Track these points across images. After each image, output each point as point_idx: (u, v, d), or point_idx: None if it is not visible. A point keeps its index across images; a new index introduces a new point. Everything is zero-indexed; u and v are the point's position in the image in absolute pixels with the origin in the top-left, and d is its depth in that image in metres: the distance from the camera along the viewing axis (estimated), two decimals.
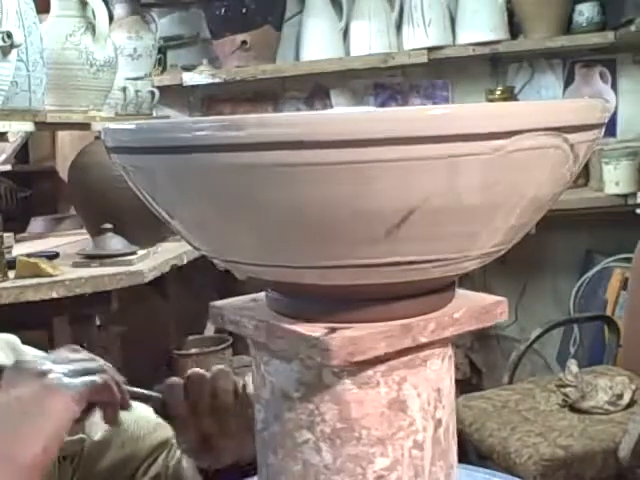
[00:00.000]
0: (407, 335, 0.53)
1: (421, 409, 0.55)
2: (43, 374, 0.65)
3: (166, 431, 0.91)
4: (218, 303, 0.62)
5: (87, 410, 0.69)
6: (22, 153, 3.06)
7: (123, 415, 0.90)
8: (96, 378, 0.68)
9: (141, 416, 0.92)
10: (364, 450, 0.55)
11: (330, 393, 0.54)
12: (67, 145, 2.82)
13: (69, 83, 2.00)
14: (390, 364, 0.54)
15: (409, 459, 0.55)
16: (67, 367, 0.67)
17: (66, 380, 0.65)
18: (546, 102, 0.51)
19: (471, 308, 0.56)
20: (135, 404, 0.94)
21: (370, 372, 0.54)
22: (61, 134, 2.89)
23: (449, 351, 0.58)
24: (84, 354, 0.72)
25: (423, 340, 0.53)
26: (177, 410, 0.77)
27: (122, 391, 0.72)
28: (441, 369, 0.57)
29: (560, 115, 0.47)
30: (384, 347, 0.52)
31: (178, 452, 0.90)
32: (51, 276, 1.63)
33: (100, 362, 0.72)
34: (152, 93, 2.70)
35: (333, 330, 0.52)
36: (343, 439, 0.55)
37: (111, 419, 0.71)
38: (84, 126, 2.13)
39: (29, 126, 1.80)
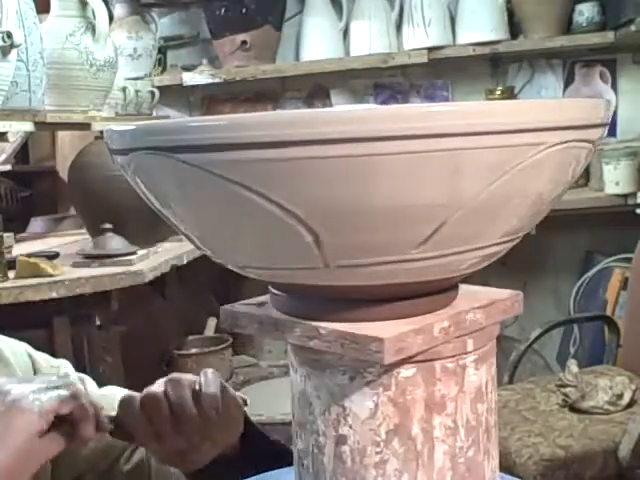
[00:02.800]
0: (274, 330, 0.56)
1: (321, 414, 0.56)
2: (6, 393, 0.65)
3: None
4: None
5: (59, 425, 0.67)
6: (22, 153, 3.06)
7: (104, 403, 0.90)
8: (61, 391, 0.67)
9: None
10: (295, 425, 0.60)
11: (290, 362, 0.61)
12: (67, 145, 2.82)
13: (69, 83, 2.00)
14: (301, 358, 0.58)
15: (312, 455, 0.57)
16: (32, 385, 0.66)
17: (30, 396, 0.65)
18: (549, 101, 0.51)
19: (342, 331, 0.53)
20: (116, 390, 0.94)
21: (293, 357, 0.59)
22: (61, 134, 2.89)
23: (367, 375, 0.54)
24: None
25: (290, 340, 0.56)
26: (133, 427, 0.76)
27: (97, 410, 0.70)
28: (348, 387, 0.55)
29: (564, 114, 0.47)
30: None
31: None
32: (51, 276, 1.63)
33: (72, 379, 0.71)
34: (152, 93, 2.70)
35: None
36: (292, 408, 0.60)
37: (86, 433, 0.69)
38: (84, 126, 2.13)
39: (29, 126, 1.80)
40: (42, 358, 0.91)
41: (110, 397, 0.91)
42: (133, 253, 1.81)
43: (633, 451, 1.63)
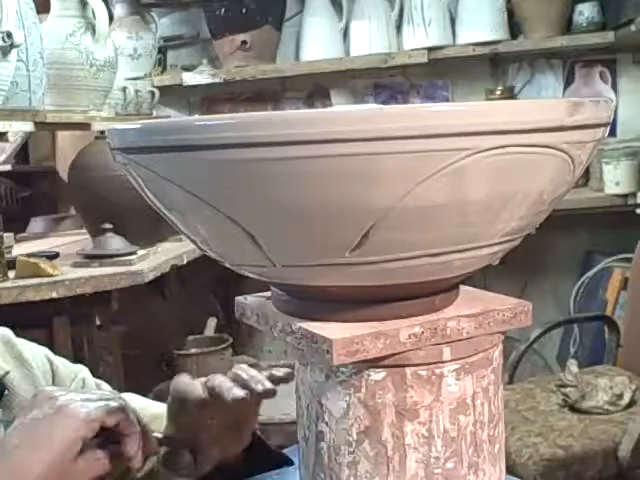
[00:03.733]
0: (265, 324, 0.59)
1: (304, 407, 0.58)
2: (55, 399, 0.66)
3: (163, 423, 0.92)
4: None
5: (105, 445, 0.67)
6: (22, 153, 3.06)
7: None
8: (110, 402, 0.67)
9: (139, 408, 0.92)
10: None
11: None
12: (67, 145, 2.82)
13: (69, 83, 2.00)
14: (294, 352, 0.58)
15: (299, 446, 0.61)
16: (81, 395, 0.67)
17: (79, 403, 0.66)
18: (548, 101, 0.51)
19: (307, 330, 0.54)
20: (131, 396, 0.94)
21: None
22: (61, 134, 2.89)
23: (340, 375, 0.55)
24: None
25: (274, 333, 0.58)
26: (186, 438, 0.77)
27: (146, 429, 0.71)
28: (324, 384, 0.55)
29: (562, 114, 0.47)
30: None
31: None
32: (51, 276, 1.63)
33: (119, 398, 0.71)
34: (152, 93, 2.70)
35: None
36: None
37: (131, 453, 0.69)
38: (84, 126, 2.13)
39: (29, 126, 1.80)
40: (60, 362, 0.91)
41: (126, 401, 0.92)
42: (133, 253, 1.81)
43: (633, 451, 1.63)
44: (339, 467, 0.55)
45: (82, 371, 0.94)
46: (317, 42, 2.79)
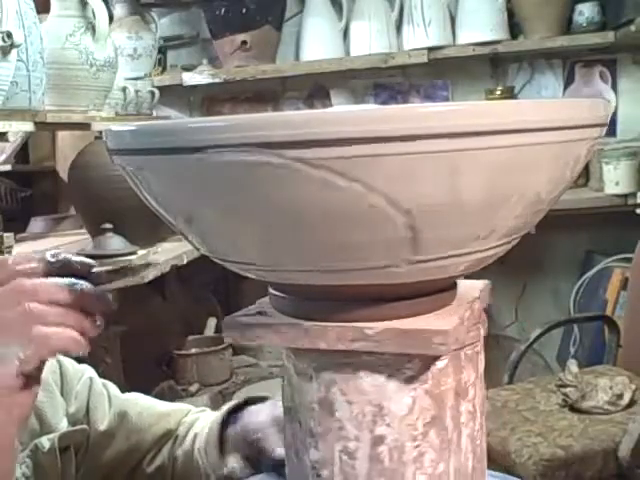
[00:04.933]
0: (302, 336, 0.55)
1: (353, 418, 0.55)
2: None
3: (169, 422, 0.93)
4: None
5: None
6: (22, 153, 3.05)
7: (127, 407, 0.91)
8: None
9: (145, 407, 0.94)
10: (302, 436, 0.57)
11: (287, 373, 0.59)
12: (67, 145, 2.81)
13: (69, 83, 2.00)
14: (320, 362, 0.55)
15: (339, 463, 0.56)
16: None
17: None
18: (547, 101, 0.51)
19: (393, 329, 0.53)
20: (138, 396, 0.95)
21: (305, 364, 0.56)
22: (61, 134, 2.88)
23: (407, 372, 0.54)
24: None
25: (322, 346, 0.54)
26: None
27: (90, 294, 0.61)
28: (386, 386, 0.54)
29: (561, 114, 0.47)
30: (278, 339, 0.55)
31: (187, 443, 0.91)
32: None
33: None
34: (152, 93, 2.70)
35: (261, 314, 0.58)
36: (292, 418, 0.58)
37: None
38: (84, 126, 2.13)
39: (29, 126, 1.80)
40: (68, 362, 0.92)
41: (133, 401, 0.93)
42: (133, 253, 1.81)
43: (633, 451, 1.63)
44: (404, 465, 0.55)
45: (87, 371, 0.94)
46: (317, 42, 2.79)
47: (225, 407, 0.91)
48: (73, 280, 0.60)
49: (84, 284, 0.60)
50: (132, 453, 0.91)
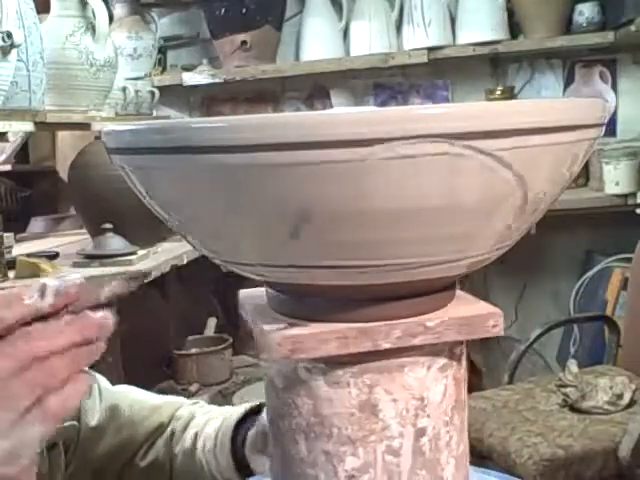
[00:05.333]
0: (365, 339, 0.52)
1: (397, 415, 0.55)
2: None
3: (162, 414, 0.92)
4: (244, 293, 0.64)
5: None
6: (22, 153, 3.06)
7: (118, 400, 0.90)
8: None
9: (136, 400, 0.92)
10: (335, 448, 0.55)
11: (305, 388, 0.55)
12: (67, 145, 2.82)
13: (69, 83, 2.00)
14: (361, 366, 0.54)
15: (382, 463, 0.55)
16: None
17: None
18: (546, 101, 0.50)
19: (452, 318, 0.54)
20: (129, 388, 0.94)
21: (340, 372, 0.54)
22: (61, 134, 2.89)
23: (441, 360, 0.56)
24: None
25: (386, 346, 0.52)
26: None
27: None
28: (427, 377, 0.55)
29: (560, 114, 0.47)
30: (335, 348, 0.52)
31: (187, 442, 0.89)
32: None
33: None
34: (152, 93, 2.70)
35: (291, 326, 0.53)
36: (317, 434, 0.55)
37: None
38: (84, 126, 2.13)
39: (29, 126, 1.80)
40: None
41: (124, 394, 0.92)
42: (133, 253, 1.81)
43: (633, 451, 1.63)
44: (439, 452, 0.56)
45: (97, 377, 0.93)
46: (317, 42, 2.79)
47: (238, 411, 0.88)
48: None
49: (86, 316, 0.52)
50: (124, 447, 0.90)
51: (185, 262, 1.97)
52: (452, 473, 0.57)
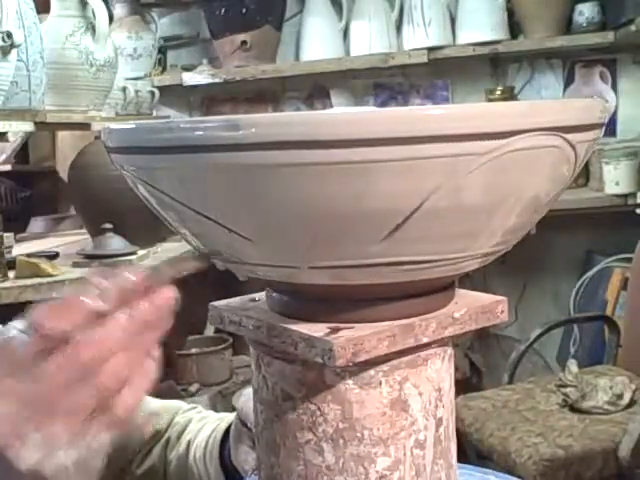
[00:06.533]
0: (409, 335, 0.53)
1: (422, 408, 0.55)
2: None
3: (159, 422, 0.91)
4: (217, 304, 0.61)
5: None
6: (22, 153, 3.06)
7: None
8: None
9: None
10: (366, 450, 0.54)
11: (332, 393, 0.54)
12: (67, 145, 2.82)
13: (69, 83, 2.00)
14: (392, 364, 0.54)
15: (411, 458, 0.55)
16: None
17: None
18: (546, 102, 0.50)
19: (472, 308, 0.56)
20: None
21: (372, 372, 0.54)
22: (61, 134, 2.89)
23: (449, 350, 0.58)
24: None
25: (425, 340, 0.54)
26: None
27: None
28: (441, 368, 0.57)
29: (560, 115, 0.47)
30: (386, 347, 0.52)
31: (181, 448, 0.89)
32: (51, 276, 1.63)
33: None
34: (152, 93, 2.70)
35: (335, 330, 0.52)
36: (345, 439, 0.55)
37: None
38: (84, 126, 2.13)
39: (29, 126, 1.80)
40: None
41: None
42: (133, 253, 1.81)
43: (633, 451, 1.63)
44: (450, 441, 0.58)
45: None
46: (317, 42, 2.79)
47: (229, 418, 0.87)
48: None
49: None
50: (120, 455, 0.88)
51: None
52: (455, 460, 0.60)
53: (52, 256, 1.87)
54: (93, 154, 1.98)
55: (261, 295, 0.61)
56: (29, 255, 1.76)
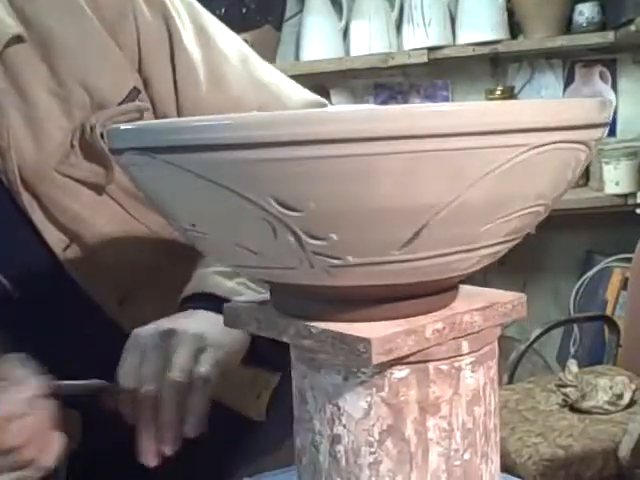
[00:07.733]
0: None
1: (316, 412, 0.56)
2: None
3: None
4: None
5: None
6: None
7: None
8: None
9: None
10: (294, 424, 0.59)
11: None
12: None
13: None
14: (297, 355, 0.57)
15: (309, 453, 0.58)
16: None
17: None
18: (549, 101, 0.51)
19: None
20: None
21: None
22: None
23: (362, 377, 0.54)
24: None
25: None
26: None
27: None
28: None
29: (563, 114, 0.47)
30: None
31: None
32: None
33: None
34: None
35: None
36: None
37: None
38: None
39: None
40: None
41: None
42: None
43: (633, 451, 1.63)
44: (359, 468, 0.55)
45: None
46: (317, 42, 2.79)
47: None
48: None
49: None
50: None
51: None
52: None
53: None
54: None
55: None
56: None
